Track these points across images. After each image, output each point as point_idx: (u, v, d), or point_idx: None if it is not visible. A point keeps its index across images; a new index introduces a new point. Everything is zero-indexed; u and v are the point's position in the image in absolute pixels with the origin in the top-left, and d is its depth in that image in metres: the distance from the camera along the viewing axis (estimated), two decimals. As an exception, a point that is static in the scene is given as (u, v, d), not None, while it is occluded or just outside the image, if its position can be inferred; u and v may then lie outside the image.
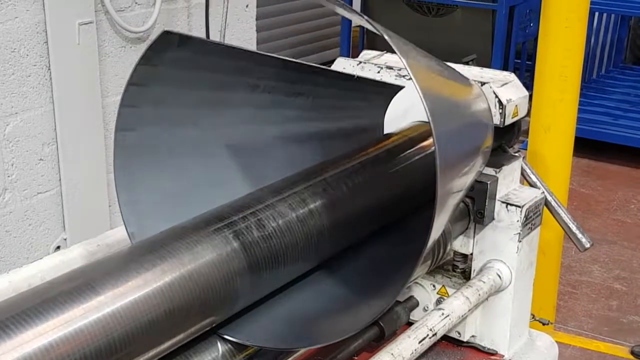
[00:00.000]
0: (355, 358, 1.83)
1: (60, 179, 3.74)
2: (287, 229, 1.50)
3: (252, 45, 4.54)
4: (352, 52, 7.53)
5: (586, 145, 6.16)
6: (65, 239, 3.83)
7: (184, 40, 1.46)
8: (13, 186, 3.56)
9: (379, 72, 2.05)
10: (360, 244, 1.76)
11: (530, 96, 2.16)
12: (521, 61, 7.00)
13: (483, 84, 1.94)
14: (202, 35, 4.07)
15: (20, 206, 3.62)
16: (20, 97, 3.51)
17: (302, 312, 1.57)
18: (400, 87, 1.96)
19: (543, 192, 2.08)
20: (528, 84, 3.66)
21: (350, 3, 7.09)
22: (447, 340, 2.04)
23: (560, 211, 2.14)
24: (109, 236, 1.67)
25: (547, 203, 2.11)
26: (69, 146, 3.70)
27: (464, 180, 1.58)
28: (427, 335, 1.73)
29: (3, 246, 3.60)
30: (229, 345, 1.45)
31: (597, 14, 7.16)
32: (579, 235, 2.15)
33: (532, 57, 5.76)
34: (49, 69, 3.59)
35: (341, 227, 1.64)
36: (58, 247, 3.79)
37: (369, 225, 1.77)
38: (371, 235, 1.79)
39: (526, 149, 3.31)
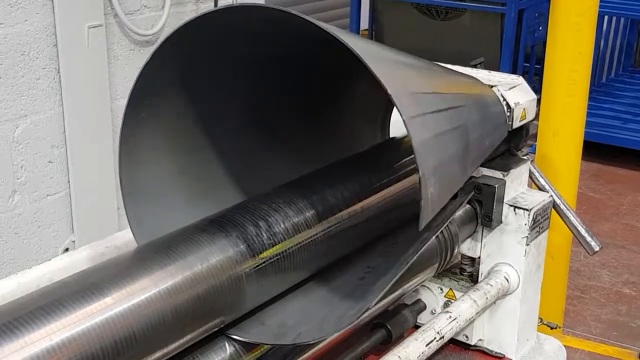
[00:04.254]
0: (363, 361, 1.83)
1: (69, 181, 3.76)
2: (294, 231, 1.50)
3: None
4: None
5: (595, 149, 6.14)
6: (73, 241, 3.84)
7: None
8: (22, 188, 3.58)
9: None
10: (363, 247, 1.76)
11: (539, 100, 2.16)
12: (530, 65, 6.98)
13: (491, 86, 1.94)
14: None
15: (29, 208, 3.64)
16: (30, 100, 3.52)
17: (303, 312, 1.57)
18: None
19: (551, 196, 2.08)
20: (537, 88, 3.65)
21: (359, 6, 7.08)
22: (455, 344, 2.04)
23: (569, 214, 2.13)
24: (117, 238, 1.67)
25: (555, 206, 2.10)
26: (78, 149, 3.72)
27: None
28: (435, 338, 1.73)
29: (12, 248, 3.61)
30: (237, 345, 1.45)
31: (606, 17, 7.14)
32: (588, 239, 2.14)
33: (540, 60, 5.75)
34: (59, 72, 3.60)
35: (345, 232, 1.64)
36: (67, 249, 3.80)
37: (375, 230, 1.77)
38: (374, 240, 1.79)
39: (535, 153, 3.30)
